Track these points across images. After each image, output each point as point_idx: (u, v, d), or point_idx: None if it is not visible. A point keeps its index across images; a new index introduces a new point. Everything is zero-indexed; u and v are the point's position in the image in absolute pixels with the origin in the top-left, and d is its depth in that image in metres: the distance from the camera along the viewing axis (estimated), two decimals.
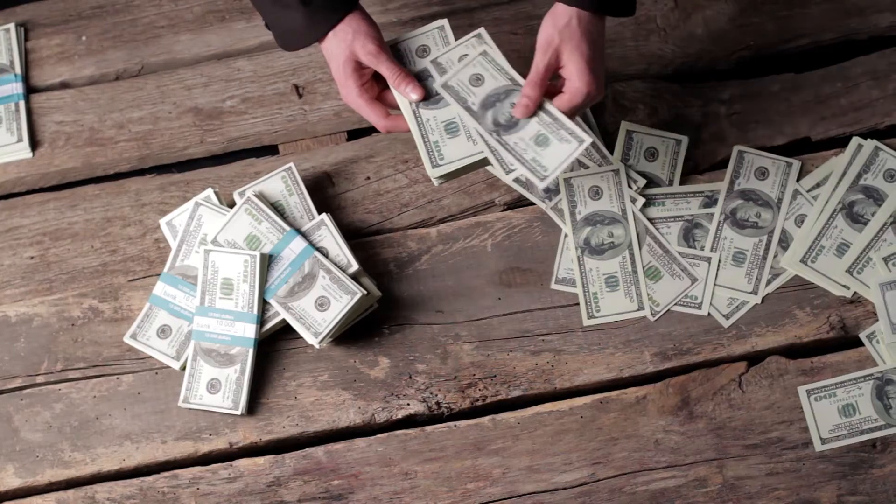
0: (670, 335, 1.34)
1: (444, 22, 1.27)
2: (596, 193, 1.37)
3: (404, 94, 1.23)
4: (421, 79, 1.25)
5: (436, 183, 1.26)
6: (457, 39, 1.27)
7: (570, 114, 1.21)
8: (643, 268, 1.35)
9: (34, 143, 1.51)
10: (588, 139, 1.20)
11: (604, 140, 1.41)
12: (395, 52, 1.27)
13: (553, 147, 1.20)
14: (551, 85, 1.23)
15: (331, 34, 1.22)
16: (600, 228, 1.36)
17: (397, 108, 1.26)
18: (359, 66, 1.23)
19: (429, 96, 1.24)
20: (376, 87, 1.26)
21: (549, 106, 1.22)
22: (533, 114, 1.22)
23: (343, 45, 1.22)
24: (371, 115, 1.25)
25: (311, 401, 1.34)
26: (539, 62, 1.20)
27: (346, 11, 1.22)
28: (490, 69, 1.25)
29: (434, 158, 1.23)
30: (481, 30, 1.27)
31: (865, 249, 1.34)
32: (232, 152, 1.50)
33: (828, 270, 1.34)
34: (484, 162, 1.23)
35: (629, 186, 1.37)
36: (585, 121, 1.41)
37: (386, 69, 1.22)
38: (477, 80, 1.24)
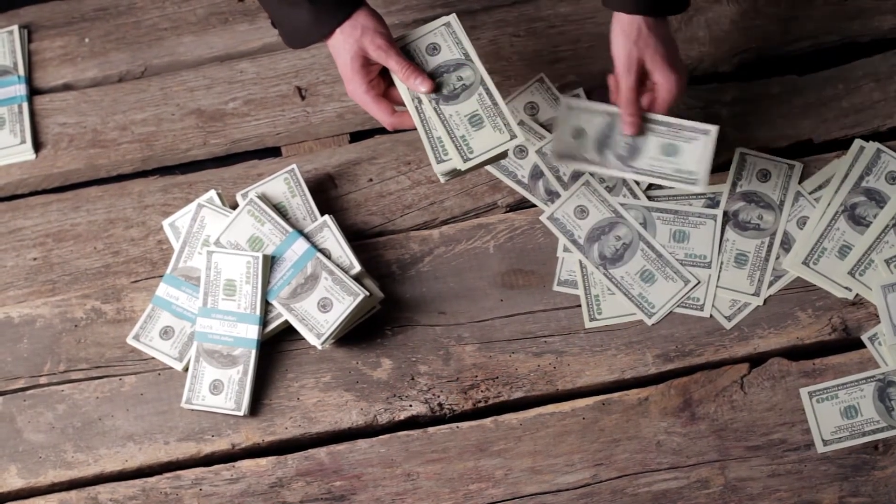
0: (672, 337, 1.34)
1: (452, 18, 1.26)
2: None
3: (414, 88, 1.23)
4: (434, 76, 1.24)
5: (442, 180, 1.26)
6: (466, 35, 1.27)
7: (668, 110, 1.27)
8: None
9: (37, 145, 1.51)
10: (714, 126, 1.26)
11: None
12: (404, 51, 1.26)
13: (685, 151, 1.26)
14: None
15: (338, 31, 1.22)
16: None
17: (403, 105, 1.26)
18: (366, 63, 1.23)
19: (437, 89, 1.24)
20: (382, 83, 1.26)
21: (655, 117, 1.27)
22: (643, 131, 1.28)
23: (351, 40, 1.22)
24: (377, 111, 1.25)
25: (314, 402, 1.34)
26: (626, 80, 1.25)
27: (353, 8, 1.22)
28: (582, 114, 1.31)
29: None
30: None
31: (867, 251, 1.34)
32: (235, 154, 1.50)
33: (830, 272, 1.34)
34: (503, 155, 1.24)
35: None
36: None
37: (395, 63, 1.23)
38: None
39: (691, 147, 1.26)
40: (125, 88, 1.53)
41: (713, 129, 1.26)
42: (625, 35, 1.24)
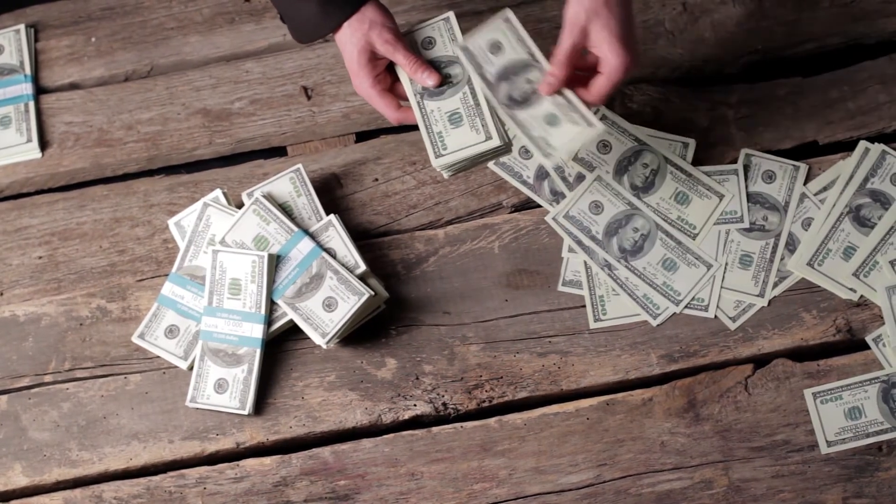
0: (677, 337, 1.34)
1: (450, 14, 1.28)
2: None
3: (420, 82, 1.24)
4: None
5: (445, 175, 1.26)
6: (462, 34, 1.27)
7: (613, 91, 1.19)
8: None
9: (43, 144, 1.51)
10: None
11: None
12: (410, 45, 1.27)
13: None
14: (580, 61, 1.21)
15: (346, 24, 1.23)
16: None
17: (409, 100, 1.27)
18: (373, 57, 1.24)
19: (444, 83, 1.24)
20: (388, 78, 1.27)
21: (565, 90, 1.21)
22: (551, 94, 1.21)
23: (358, 34, 1.22)
24: (383, 106, 1.25)
25: (318, 401, 1.34)
26: (566, 41, 1.17)
27: (361, 2, 1.22)
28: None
29: (437, 148, 1.23)
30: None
31: (872, 253, 1.34)
32: (240, 153, 1.50)
33: (834, 274, 1.34)
34: (494, 154, 1.24)
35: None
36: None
37: (402, 57, 1.23)
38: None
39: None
40: (131, 88, 1.53)
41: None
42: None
